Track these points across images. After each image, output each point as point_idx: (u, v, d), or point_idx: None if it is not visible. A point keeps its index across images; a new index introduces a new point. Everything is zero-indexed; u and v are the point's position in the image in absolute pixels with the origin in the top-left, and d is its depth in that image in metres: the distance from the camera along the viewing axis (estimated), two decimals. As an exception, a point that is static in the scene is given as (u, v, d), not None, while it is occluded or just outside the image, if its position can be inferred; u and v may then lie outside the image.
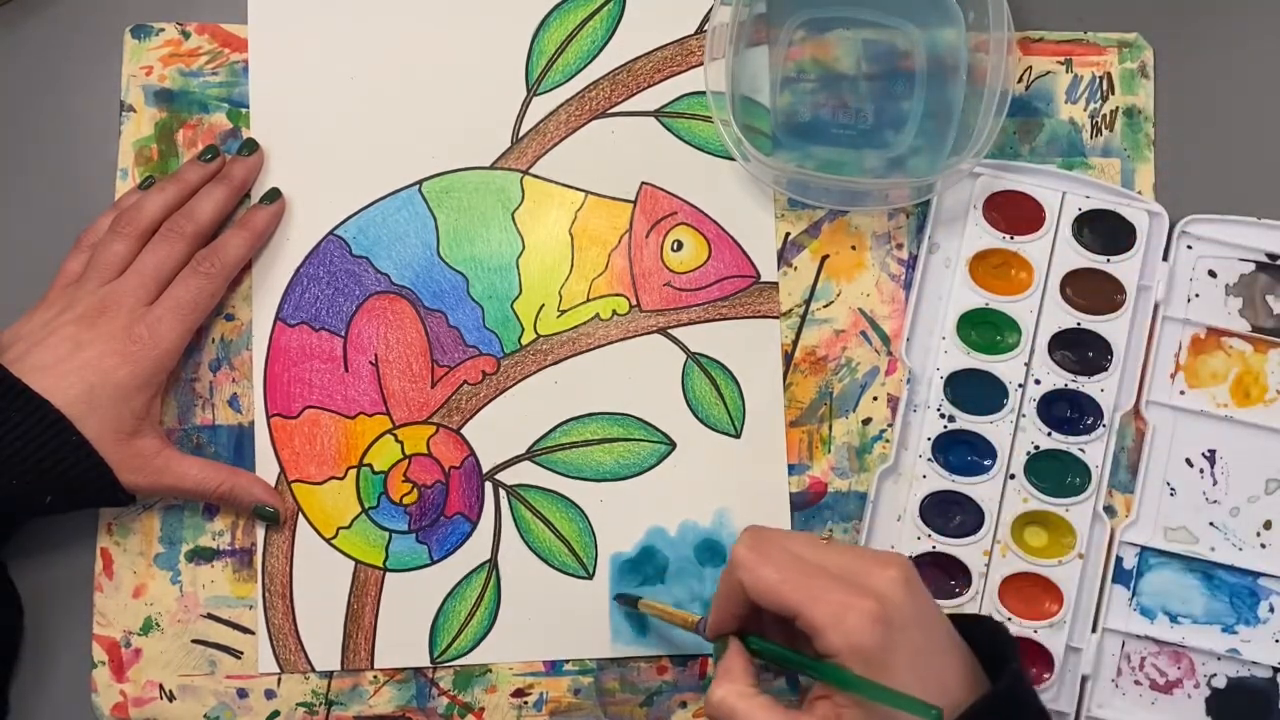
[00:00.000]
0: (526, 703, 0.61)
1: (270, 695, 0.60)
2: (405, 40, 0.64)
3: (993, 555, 0.61)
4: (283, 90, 0.63)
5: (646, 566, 0.61)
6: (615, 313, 0.63)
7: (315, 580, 0.61)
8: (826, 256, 0.63)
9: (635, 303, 0.63)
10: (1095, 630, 0.61)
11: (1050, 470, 0.61)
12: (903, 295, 0.63)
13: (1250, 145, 0.65)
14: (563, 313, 0.62)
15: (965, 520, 0.61)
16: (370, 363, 0.62)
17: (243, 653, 0.60)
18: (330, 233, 0.63)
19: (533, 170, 0.63)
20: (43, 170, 0.63)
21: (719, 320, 0.63)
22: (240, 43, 0.63)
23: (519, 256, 0.63)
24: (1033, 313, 0.62)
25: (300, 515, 0.61)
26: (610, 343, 0.62)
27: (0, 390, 0.54)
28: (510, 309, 0.62)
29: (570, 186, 0.63)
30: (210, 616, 0.60)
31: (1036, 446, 0.61)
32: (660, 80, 0.64)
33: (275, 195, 0.62)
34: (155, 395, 0.58)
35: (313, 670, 0.60)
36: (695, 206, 0.63)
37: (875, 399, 0.62)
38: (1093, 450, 0.61)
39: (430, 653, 0.61)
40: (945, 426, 0.61)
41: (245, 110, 0.63)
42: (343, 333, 0.62)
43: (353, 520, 0.61)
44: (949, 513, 0.61)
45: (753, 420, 0.62)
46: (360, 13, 0.64)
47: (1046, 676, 0.60)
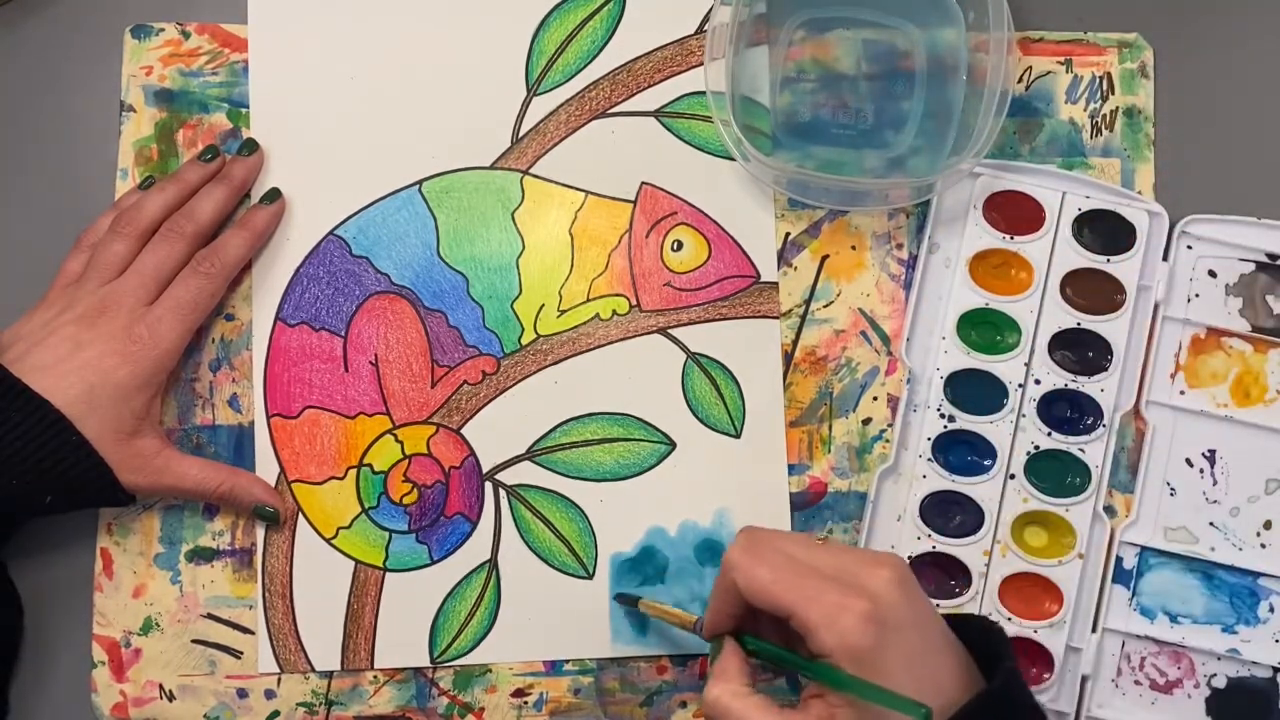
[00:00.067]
0: (526, 703, 0.61)
1: (270, 695, 0.60)
2: (405, 40, 0.64)
3: (993, 555, 0.61)
4: (283, 90, 0.63)
5: (646, 566, 0.61)
6: (615, 313, 0.63)
7: (315, 580, 0.61)
8: (826, 256, 0.63)
9: (635, 303, 0.63)
10: (1095, 630, 0.61)
11: (1050, 470, 0.61)
12: (903, 295, 0.63)
13: (1250, 145, 0.65)
14: (563, 313, 0.62)
15: (965, 520, 0.61)
16: (370, 363, 0.62)
17: (243, 653, 0.60)
18: (330, 233, 0.63)
19: (533, 170, 0.63)
20: (43, 170, 0.63)
21: (719, 320, 0.63)
22: (240, 43, 0.63)
23: (519, 256, 0.63)
24: (1033, 313, 0.62)
25: (300, 515, 0.61)
26: (610, 343, 0.62)
27: (0, 390, 0.54)
28: (510, 309, 0.62)
29: (570, 186, 0.63)
30: (210, 616, 0.60)
31: (1036, 446, 0.61)
32: (660, 80, 0.64)
33: (275, 195, 0.62)
34: (155, 395, 0.58)
35: (313, 670, 0.60)
36: (695, 206, 0.63)
37: (875, 399, 0.62)
38: (1093, 450, 0.61)
39: (430, 653, 0.61)
40: (945, 426, 0.61)
41: (245, 110, 0.63)
42: (343, 333, 0.62)
43: (353, 520, 0.61)
44: (949, 513, 0.61)
45: (753, 420, 0.62)
46: (360, 13, 0.64)
47: (1046, 676, 0.60)
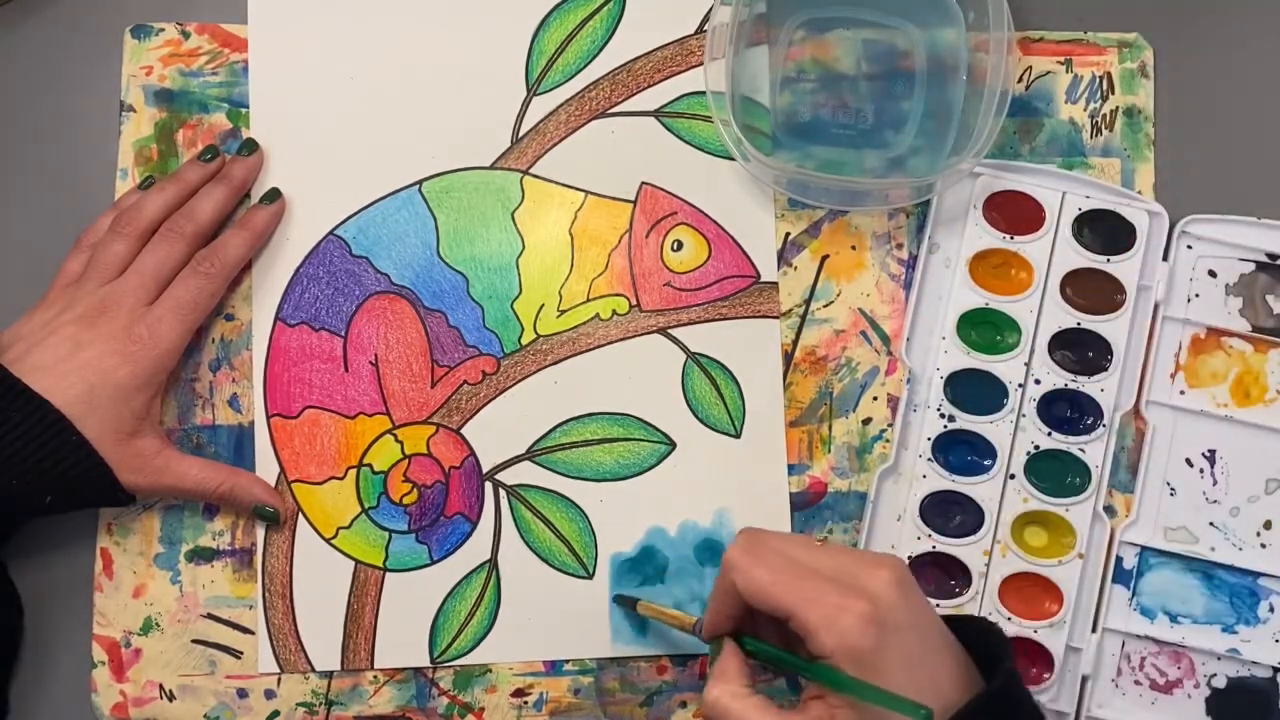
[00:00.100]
0: (526, 703, 0.61)
1: (270, 695, 0.60)
2: (405, 40, 0.64)
3: (993, 555, 0.61)
4: (283, 90, 0.63)
5: (646, 566, 0.61)
6: (615, 313, 0.63)
7: (315, 580, 0.61)
8: (826, 256, 0.63)
9: (635, 303, 0.63)
10: (1095, 630, 0.61)
11: (1050, 470, 0.61)
12: (903, 295, 0.63)
13: (1250, 145, 0.65)
14: (563, 313, 0.62)
15: (965, 520, 0.61)
16: (370, 363, 0.62)
17: (243, 653, 0.60)
18: (330, 233, 0.62)
19: (533, 170, 0.63)
20: (43, 170, 0.63)
21: (719, 320, 0.63)
22: (240, 43, 0.63)
23: (519, 256, 0.63)
24: (1033, 313, 0.62)
25: (300, 515, 0.61)
26: (610, 343, 0.62)
27: (0, 390, 0.54)
28: (510, 309, 0.62)
29: (570, 186, 0.63)
30: (210, 616, 0.60)
31: (1036, 446, 0.61)
32: (660, 80, 0.64)
33: (275, 195, 0.62)
34: (155, 395, 0.58)
35: (313, 670, 0.60)
36: (695, 206, 0.63)
37: (875, 399, 0.62)
38: (1093, 450, 0.61)
39: (430, 653, 0.61)
40: (945, 426, 0.61)
41: (245, 110, 0.63)
42: (343, 333, 0.62)
43: (353, 520, 0.61)
44: (949, 513, 0.61)
45: (753, 420, 0.62)
46: (360, 13, 0.64)
47: (1046, 676, 0.60)
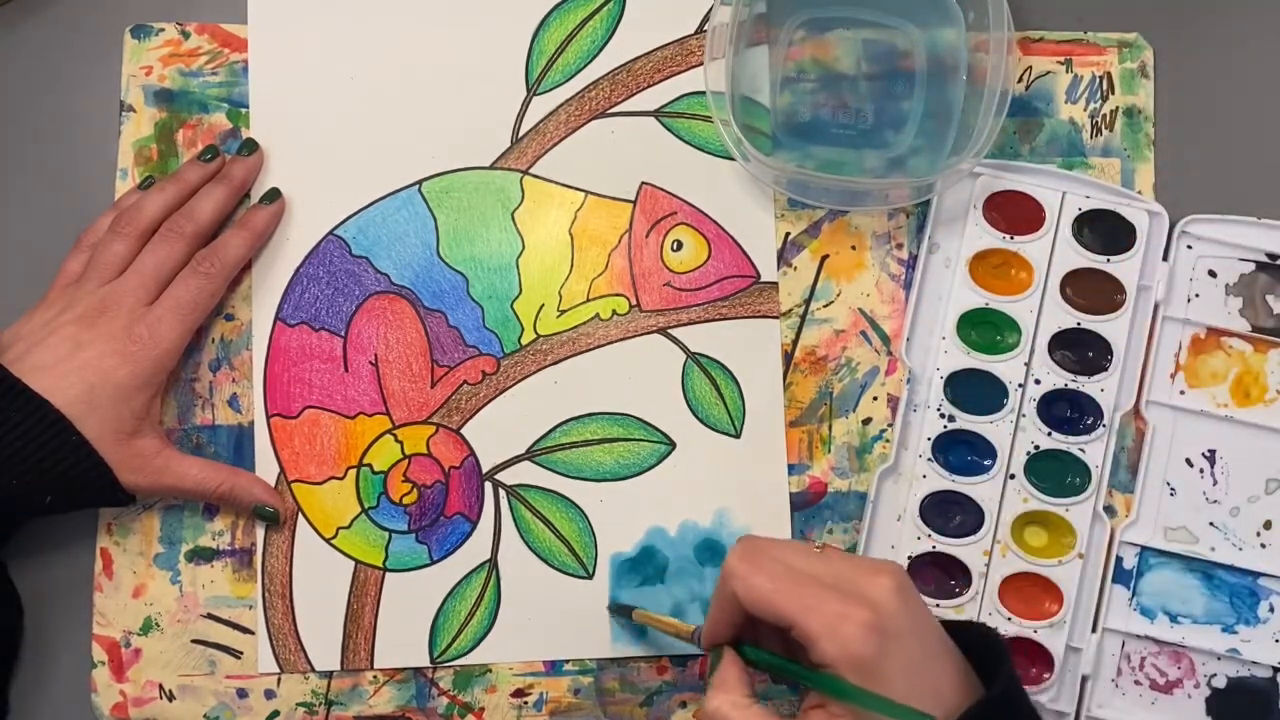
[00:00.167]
0: (526, 703, 0.61)
1: (270, 695, 0.60)
2: (405, 40, 0.64)
3: (993, 555, 0.61)
4: (283, 90, 0.63)
5: (646, 566, 0.61)
6: (615, 313, 0.62)
7: (315, 580, 0.61)
8: (826, 256, 0.63)
9: (635, 303, 0.63)
10: (1095, 630, 0.61)
11: (1050, 470, 0.61)
12: (903, 295, 0.63)
13: (1250, 145, 0.65)
14: (563, 313, 0.62)
15: (965, 520, 0.61)
16: (370, 363, 0.62)
17: (243, 653, 0.60)
18: (330, 233, 0.62)
19: (533, 170, 0.63)
20: (43, 170, 0.63)
21: (719, 320, 0.63)
22: (240, 43, 0.63)
23: (519, 256, 0.63)
24: (1033, 313, 0.62)
25: (300, 515, 0.61)
26: (610, 343, 0.62)
27: (0, 390, 0.54)
28: (510, 309, 0.62)
29: (570, 186, 0.63)
30: (210, 616, 0.60)
31: (1036, 446, 0.61)
32: (660, 80, 0.64)
33: (275, 195, 0.62)
34: (155, 395, 0.58)
35: (313, 670, 0.60)
36: (695, 206, 0.63)
37: (875, 399, 0.62)
38: (1093, 450, 0.61)
39: (430, 653, 0.61)
40: (945, 426, 0.61)
41: (245, 110, 0.63)
42: (343, 333, 0.62)
43: (353, 520, 0.61)
44: (949, 513, 0.61)
45: (753, 420, 0.62)
46: (360, 13, 0.64)
47: (1046, 676, 0.60)
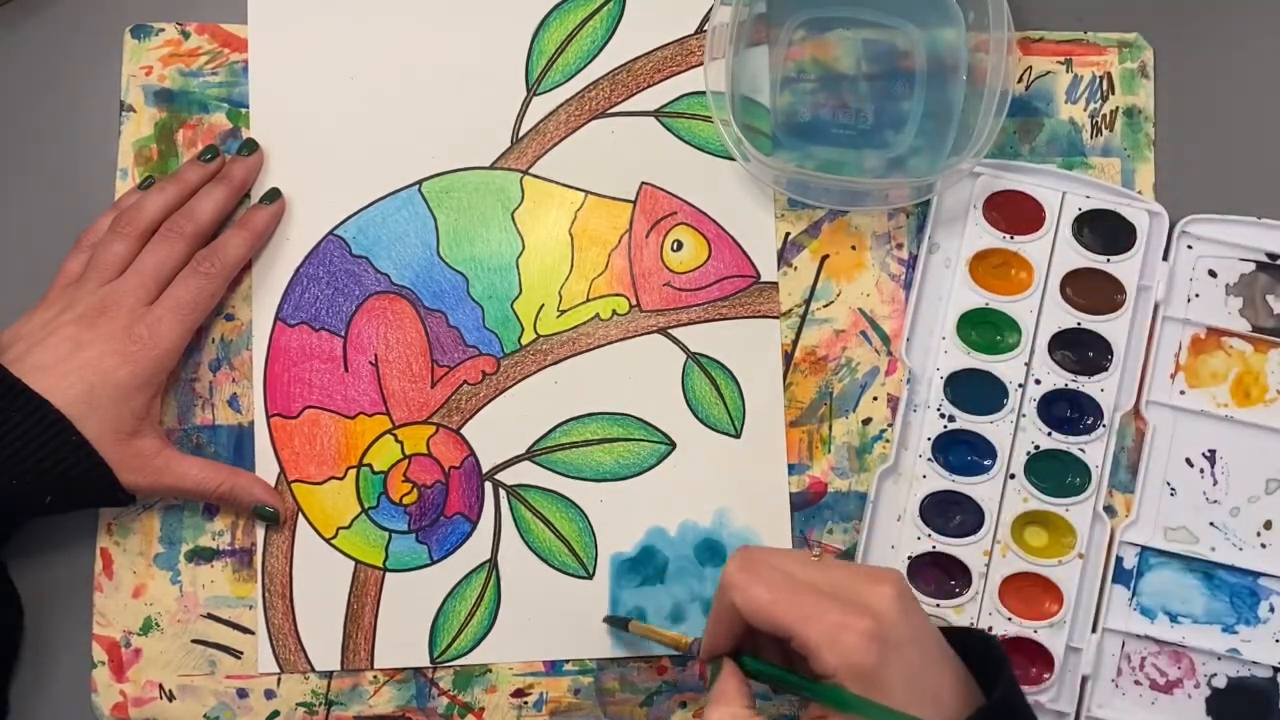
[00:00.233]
0: (526, 703, 0.61)
1: (270, 695, 0.60)
2: (405, 40, 0.64)
3: (993, 555, 0.61)
4: (283, 90, 0.63)
5: (646, 566, 0.61)
6: (615, 313, 0.62)
7: (315, 580, 0.61)
8: (826, 256, 0.63)
9: (635, 303, 0.63)
10: (1095, 630, 0.61)
11: (1050, 470, 0.61)
12: (903, 295, 0.63)
13: (1250, 145, 0.65)
14: (563, 313, 0.62)
15: (965, 520, 0.61)
16: (370, 363, 0.62)
17: (243, 653, 0.60)
18: (330, 233, 0.63)
19: (533, 170, 0.63)
20: (43, 170, 0.63)
21: (719, 320, 0.63)
22: (240, 43, 0.63)
23: (519, 256, 0.63)
24: (1033, 313, 0.62)
25: (300, 515, 0.61)
26: (610, 343, 0.62)
27: (0, 390, 0.54)
28: (510, 309, 0.62)
29: (570, 186, 0.63)
30: (210, 616, 0.60)
31: (1036, 446, 0.61)
32: (660, 80, 0.64)
33: (275, 195, 0.62)
34: (155, 395, 0.58)
35: (313, 670, 0.60)
36: (695, 206, 0.63)
37: (875, 399, 0.62)
38: (1093, 450, 0.61)
39: (430, 653, 0.61)
40: (945, 426, 0.61)
41: (245, 110, 0.63)
42: (343, 333, 0.62)
43: (353, 520, 0.61)
44: (949, 513, 0.61)
45: (753, 420, 0.62)
46: (360, 13, 0.64)
47: (1046, 676, 0.60)
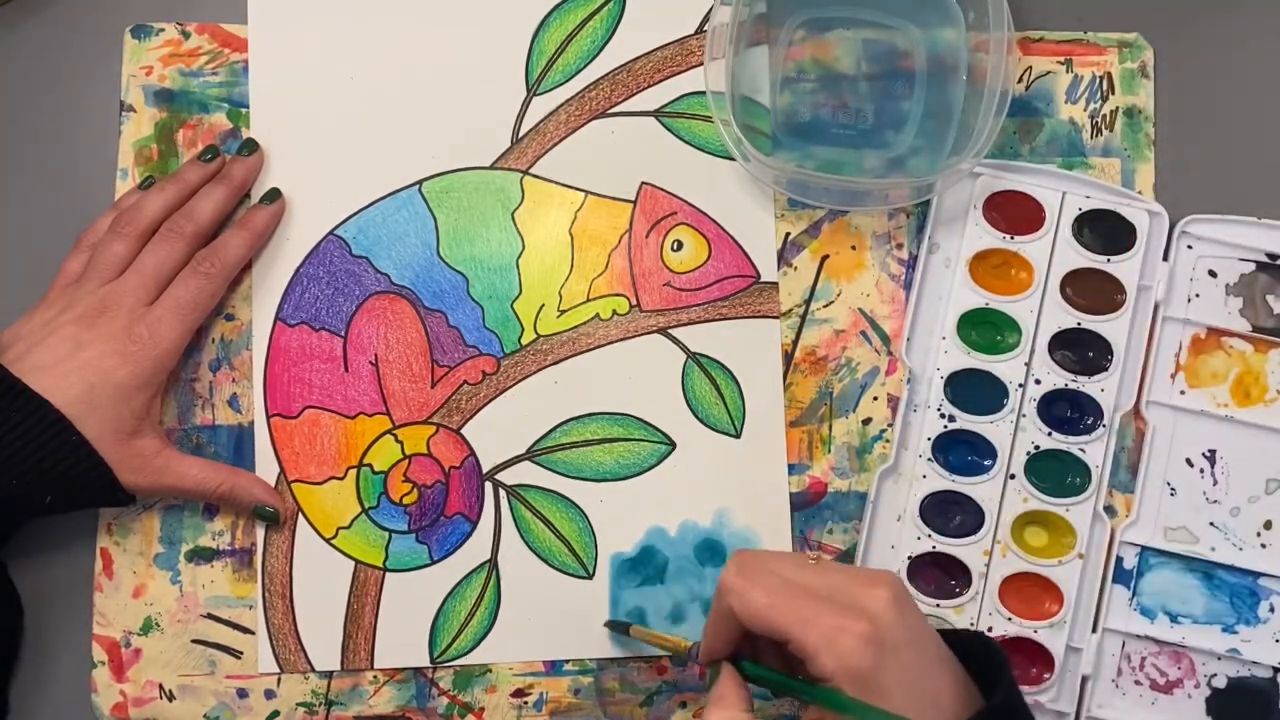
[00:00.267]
0: (526, 703, 0.61)
1: (270, 695, 0.60)
2: (405, 40, 0.64)
3: (993, 555, 0.61)
4: (283, 90, 0.63)
5: (646, 566, 0.61)
6: (615, 313, 0.62)
7: (315, 580, 0.61)
8: (826, 256, 0.63)
9: (635, 303, 0.63)
10: (1095, 630, 0.61)
11: (1050, 470, 0.61)
12: (903, 295, 0.63)
13: (1250, 145, 0.65)
14: (563, 313, 0.62)
15: (965, 520, 0.61)
16: (370, 363, 0.62)
17: (243, 653, 0.60)
18: (330, 233, 0.62)
19: (533, 170, 0.63)
20: (43, 170, 0.63)
21: (719, 320, 0.63)
22: (240, 43, 0.63)
23: (519, 256, 0.63)
24: (1033, 313, 0.62)
25: (300, 515, 0.61)
26: (610, 343, 0.62)
27: (0, 390, 0.54)
28: (510, 309, 0.62)
29: (570, 186, 0.63)
30: (210, 616, 0.60)
31: (1037, 446, 0.61)
32: (660, 80, 0.64)
33: (275, 195, 0.62)
34: (155, 395, 0.58)
35: (313, 670, 0.60)
36: (695, 206, 0.63)
37: (875, 399, 0.62)
38: (1093, 450, 0.61)
39: (430, 653, 0.61)
40: (945, 426, 0.61)
41: (245, 110, 0.63)
42: (343, 333, 0.62)
43: (353, 520, 0.61)
44: (949, 513, 0.61)
45: (753, 420, 0.62)
46: (360, 13, 0.64)
47: (1046, 676, 0.60)
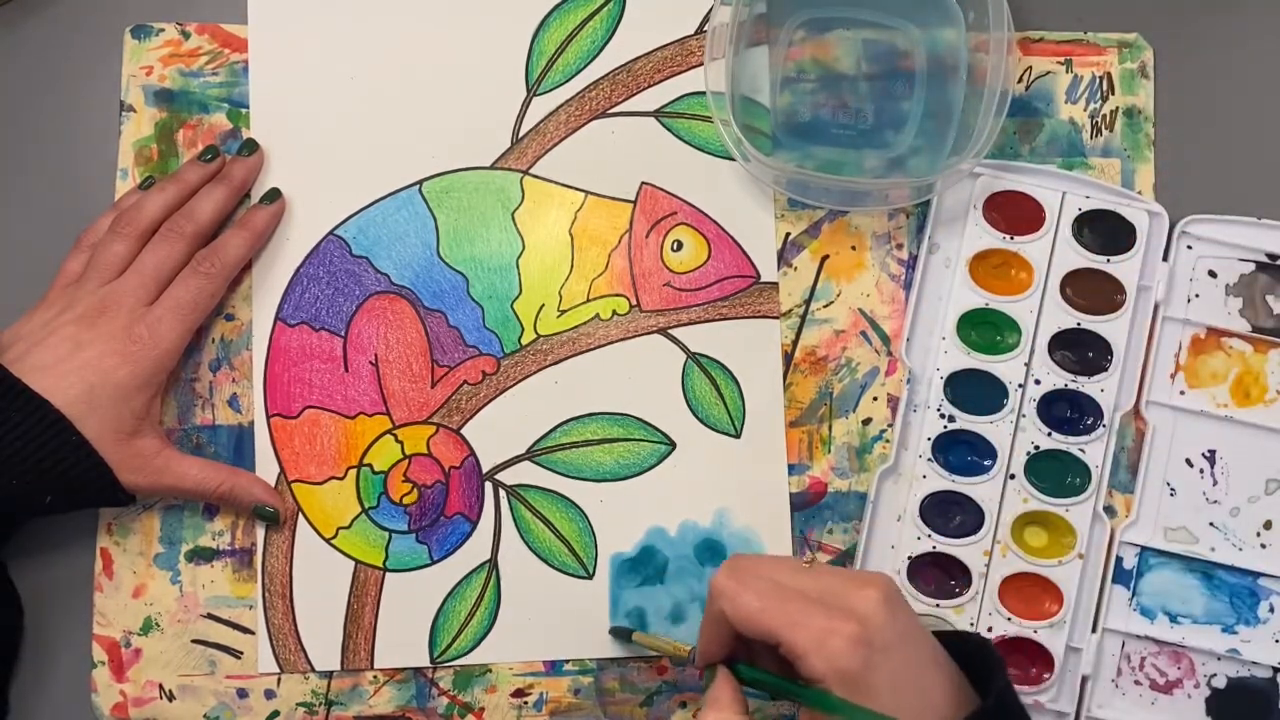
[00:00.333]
0: (526, 703, 0.61)
1: (270, 695, 0.60)
2: (405, 40, 0.64)
3: (993, 555, 0.61)
4: (283, 90, 0.63)
5: (646, 566, 0.61)
6: (615, 313, 0.63)
7: (315, 580, 0.61)
8: (826, 256, 0.63)
9: (635, 303, 0.63)
10: (1095, 630, 0.61)
11: (1050, 470, 0.61)
12: (903, 295, 0.63)
13: (1250, 145, 0.65)
14: (563, 313, 0.62)
15: (965, 520, 0.61)
16: (370, 363, 0.62)
17: (243, 653, 0.60)
18: (330, 233, 0.63)
19: (533, 170, 0.63)
20: (43, 170, 0.63)
21: (719, 320, 0.63)
22: (240, 43, 0.63)
23: (519, 256, 0.63)
24: (1033, 313, 0.62)
25: (300, 515, 0.61)
26: (610, 343, 0.62)
27: (0, 390, 0.54)
28: (510, 309, 0.62)
29: (570, 186, 0.63)
30: (210, 616, 0.60)
31: (1036, 446, 0.61)
32: (660, 80, 0.64)
33: (275, 195, 0.62)
34: (155, 395, 0.58)
35: (313, 670, 0.60)
36: (695, 206, 0.63)
37: (875, 399, 0.62)
38: (1093, 450, 0.61)
39: (430, 653, 0.61)
40: (945, 426, 0.61)
41: (245, 110, 0.63)
42: (343, 333, 0.62)
43: (353, 520, 0.61)
44: (949, 513, 0.61)
45: (753, 420, 0.62)
46: (360, 13, 0.64)
47: (1046, 676, 0.60)
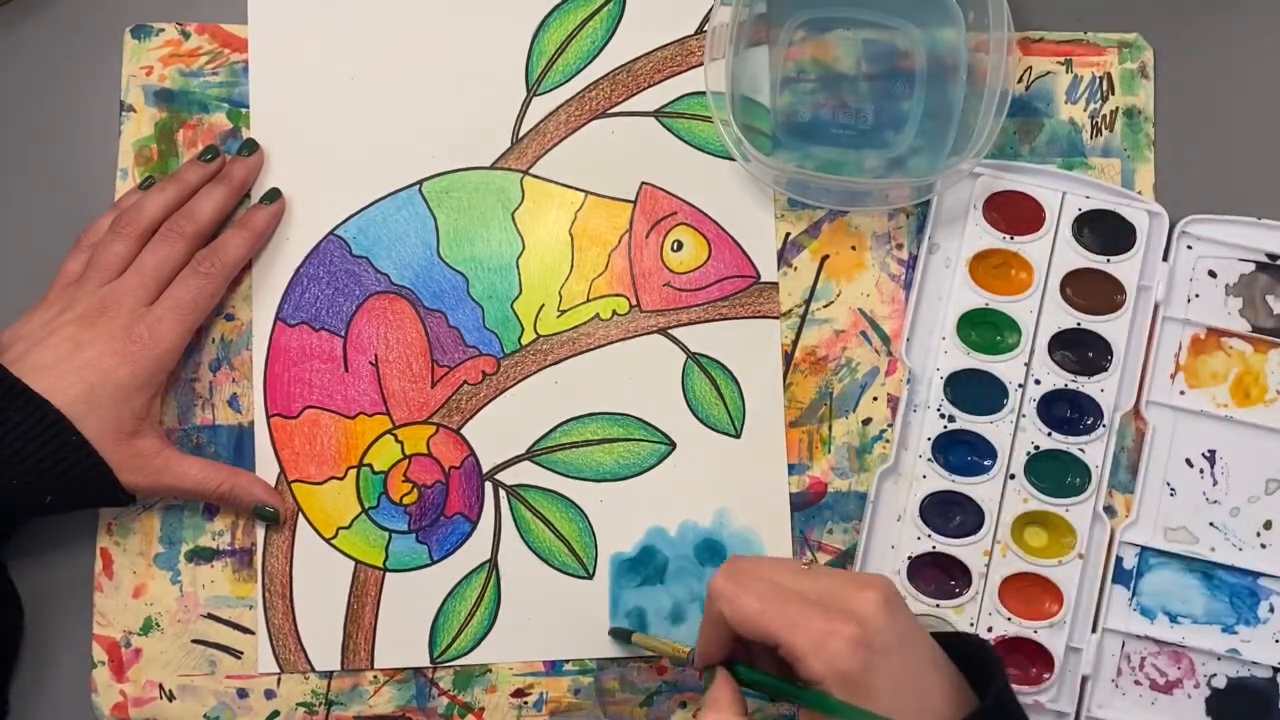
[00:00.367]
0: (526, 703, 0.61)
1: (270, 695, 0.60)
2: (405, 40, 0.64)
3: (993, 555, 0.61)
4: (283, 90, 0.63)
5: (646, 566, 0.61)
6: (615, 313, 0.63)
7: (315, 580, 0.61)
8: (826, 256, 0.63)
9: (635, 303, 0.63)
10: (1095, 630, 0.61)
11: (1050, 470, 0.61)
12: (903, 295, 0.63)
13: (1250, 145, 0.65)
14: (563, 313, 0.62)
15: (965, 520, 0.61)
16: (370, 363, 0.62)
17: (243, 653, 0.60)
18: (330, 233, 0.63)
19: (533, 170, 0.63)
20: (43, 170, 0.63)
21: (719, 320, 0.63)
22: (240, 43, 0.63)
23: (519, 256, 0.63)
24: (1033, 313, 0.62)
25: (300, 515, 0.61)
26: (610, 343, 0.62)
27: (0, 390, 0.54)
28: (510, 309, 0.62)
29: (570, 186, 0.63)
30: (210, 616, 0.60)
31: (1036, 446, 0.61)
32: (660, 80, 0.64)
33: (275, 195, 0.62)
34: (155, 395, 0.58)
35: (313, 670, 0.60)
36: (695, 206, 0.63)
37: (875, 399, 0.62)
38: (1093, 450, 0.61)
39: (430, 653, 0.61)
40: (945, 426, 0.61)
41: (245, 110, 0.63)
42: (343, 333, 0.62)
43: (353, 520, 0.61)
44: (949, 513, 0.61)
45: (753, 420, 0.62)
46: (360, 13, 0.64)
47: (1046, 676, 0.60)
